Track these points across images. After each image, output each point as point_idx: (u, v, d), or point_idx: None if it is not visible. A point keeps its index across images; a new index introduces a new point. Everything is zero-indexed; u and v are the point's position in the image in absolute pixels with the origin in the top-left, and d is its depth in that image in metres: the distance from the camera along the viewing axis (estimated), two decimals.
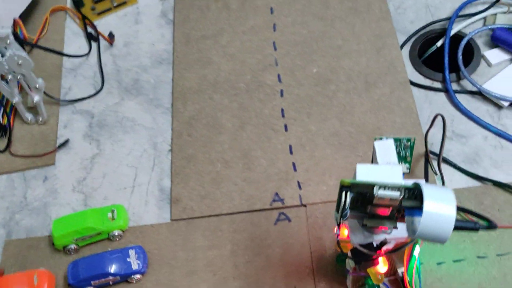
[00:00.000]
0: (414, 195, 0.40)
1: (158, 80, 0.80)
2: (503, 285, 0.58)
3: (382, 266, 0.49)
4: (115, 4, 0.87)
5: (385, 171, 0.42)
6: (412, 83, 0.74)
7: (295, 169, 0.69)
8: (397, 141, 0.46)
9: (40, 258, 0.65)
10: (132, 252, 0.63)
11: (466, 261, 0.60)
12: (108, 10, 0.87)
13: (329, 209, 0.65)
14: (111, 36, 0.82)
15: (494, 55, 0.75)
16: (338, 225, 0.42)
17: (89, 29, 0.85)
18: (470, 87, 0.72)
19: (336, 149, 0.70)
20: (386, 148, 0.46)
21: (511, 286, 0.58)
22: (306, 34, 0.81)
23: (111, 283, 0.63)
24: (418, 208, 0.39)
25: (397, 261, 0.57)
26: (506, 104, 0.70)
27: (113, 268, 0.62)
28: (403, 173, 0.50)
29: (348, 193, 0.40)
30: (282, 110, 0.74)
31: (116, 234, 0.66)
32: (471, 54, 0.75)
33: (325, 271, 0.61)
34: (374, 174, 0.42)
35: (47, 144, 0.75)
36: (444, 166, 0.67)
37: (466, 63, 0.74)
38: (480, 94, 0.72)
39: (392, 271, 0.58)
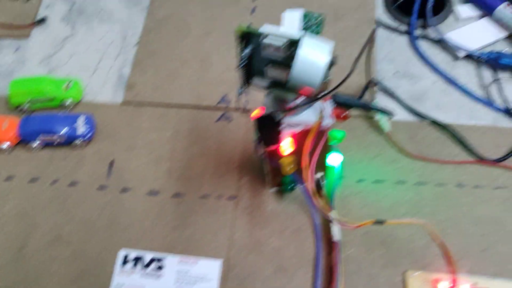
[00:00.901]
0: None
1: None
2: (414, 209, 0.60)
3: (287, 147, 0.51)
4: None
5: (287, 32, 0.44)
6: (379, 23, 0.76)
7: None
8: (307, 16, 0.48)
9: None
10: (81, 119, 0.67)
11: (385, 183, 0.63)
12: None
13: None
14: None
15: (465, 10, 0.76)
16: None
17: None
18: (433, 35, 0.74)
19: None
20: (293, 19, 0.48)
21: (422, 210, 0.60)
22: None
23: (55, 143, 0.66)
24: None
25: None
26: (462, 54, 0.72)
27: (60, 128, 0.65)
28: None
29: (248, 46, 0.43)
30: (250, 24, 0.76)
31: (68, 103, 0.69)
32: (442, 5, 0.77)
33: (250, 168, 0.64)
34: (276, 31, 0.43)
35: (27, 18, 0.79)
36: (388, 100, 0.69)
37: (437, 13, 0.76)
38: (440, 43, 0.73)
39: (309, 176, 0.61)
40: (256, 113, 0.53)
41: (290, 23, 0.47)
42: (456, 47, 0.72)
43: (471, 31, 0.74)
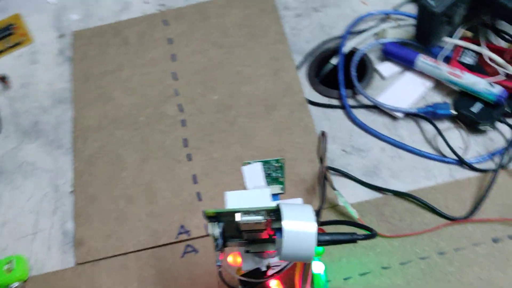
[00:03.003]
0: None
1: (58, 121, 0.78)
2: None
3: None
4: (9, 45, 0.85)
5: (254, 195, 0.42)
6: (311, 102, 0.75)
7: (199, 199, 0.68)
8: (266, 163, 0.46)
9: None
10: None
11: (372, 273, 0.61)
12: (1, 51, 0.84)
13: None
14: (3, 78, 0.80)
15: (386, 68, 0.77)
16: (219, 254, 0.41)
17: None
18: (366, 101, 0.74)
19: (240, 175, 0.69)
20: (254, 172, 0.46)
21: None
22: (206, 62, 0.81)
23: None
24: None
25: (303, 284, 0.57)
26: (400, 115, 0.72)
27: None
28: (278, 194, 0.50)
29: (217, 224, 0.40)
30: (185, 139, 0.73)
31: (15, 286, 0.62)
32: (365, 69, 0.78)
33: None
34: (244, 200, 0.42)
35: None
36: (345, 181, 0.68)
37: (362, 79, 0.76)
38: (375, 107, 0.73)
39: None
40: (232, 260, 0.50)
41: (254, 178, 0.45)
42: (392, 108, 0.72)
43: (400, 88, 0.75)
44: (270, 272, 0.46)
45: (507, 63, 0.70)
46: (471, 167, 0.67)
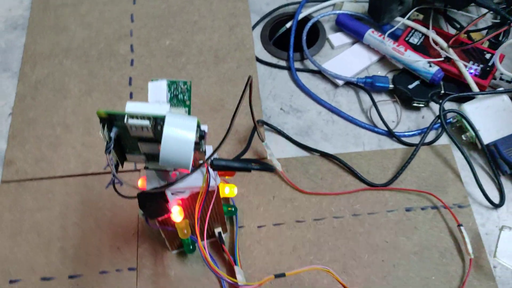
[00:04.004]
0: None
1: (10, 45, 0.78)
2: (315, 247, 0.61)
3: (177, 215, 0.50)
4: None
5: (152, 108, 0.43)
6: (259, 60, 0.77)
7: None
8: (173, 83, 0.47)
9: None
10: None
11: (286, 224, 0.63)
12: None
13: None
14: None
15: (337, 38, 0.79)
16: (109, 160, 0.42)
17: None
18: (312, 66, 0.76)
19: None
20: (158, 89, 0.47)
21: (323, 247, 0.62)
22: (165, 9, 0.82)
23: None
24: None
25: (214, 223, 0.59)
26: (341, 82, 0.74)
27: None
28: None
29: (112, 128, 0.41)
30: (130, 78, 0.75)
31: None
32: (317, 37, 0.79)
33: (150, 233, 0.62)
34: (141, 109, 0.42)
35: None
36: (278, 137, 0.70)
37: (313, 45, 0.78)
38: (320, 73, 0.75)
39: (209, 232, 0.60)
40: (140, 184, 0.51)
41: (157, 94, 0.46)
42: (334, 76, 0.74)
43: (346, 58, 0.77)
44: (172, 199, 0.48)
45: (449, 47, 0.73)
46: (399, 140, 0.69)
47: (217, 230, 0.60)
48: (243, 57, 0.77)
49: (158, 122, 0.41)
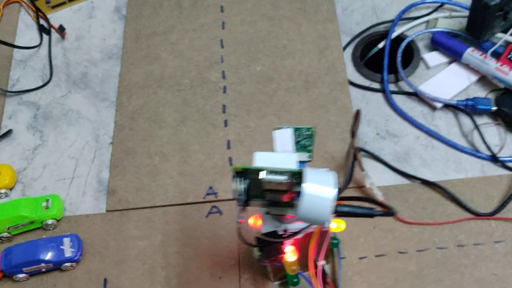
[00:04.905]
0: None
1: (106, 75, 0.81)
2: (418, 280, 0.59)
3: (290, 255, 0.50)
4: None
5: (282, 158, 0.43)
6: (351, 83, 0.75)
7: (231, 164, 0.70)
8: (297, 130, 0.48)
9: None
10: (66, 240, 0.64)
11: (387, 256, 0.62)
12: (62, 3, 0.88)
13: None
14: (61, 29, 0.84)
15: (433, 58, 0.76)
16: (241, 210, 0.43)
17: (42, 22, 0.86)
18: (407, 88, 0.74)
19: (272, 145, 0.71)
20: (284, 137, 0.47)
21: (426, 280, 0.59)
22: (253, 33, 0.82)
23: (44, 270, 0.64)
24: None
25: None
26: (439, 105, 0.71)
27: (46, 255, 0.63)
28: (305, 162, 0.51)
29: (243, 179, 0.42)
30: (224, 106, 0.75)
31: (50, 223, 0.67)
32: (411, 56, 0.77)
33: (250, 262, 0.63)
34: (271, 161, 0.43)
35: None
36: (375, 164, 0.69)
37: (407, 65, 0.76)
38: (416, 95, 0.73)
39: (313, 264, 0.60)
40: (252, 222, 0.51)
41: (284, 143, 0.46)
42: (432, 98, 0.71)
43: (444, 79, 0.74)
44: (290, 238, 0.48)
45: None
46: (504, 165, 0.66)
47: (320, 263, 0.59)
48: (334, 81, 0.76)
49: (294, 176, 0.41)
